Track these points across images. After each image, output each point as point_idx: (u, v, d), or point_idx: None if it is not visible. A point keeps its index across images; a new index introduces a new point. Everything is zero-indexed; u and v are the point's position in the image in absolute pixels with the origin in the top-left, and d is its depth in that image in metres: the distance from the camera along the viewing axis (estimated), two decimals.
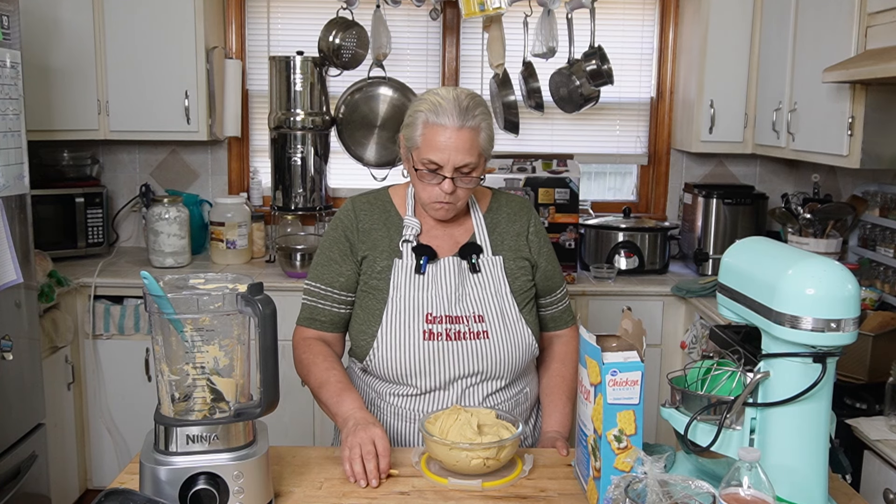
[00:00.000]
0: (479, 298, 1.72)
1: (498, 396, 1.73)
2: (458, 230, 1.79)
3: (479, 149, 1.66)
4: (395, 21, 3.62)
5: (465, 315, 1.69)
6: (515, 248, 1.80)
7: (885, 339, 2.22)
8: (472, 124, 1.64)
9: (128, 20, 3.31)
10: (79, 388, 3.20)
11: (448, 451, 1.44)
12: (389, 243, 1.75)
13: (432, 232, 1.77)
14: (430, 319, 1.68)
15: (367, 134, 3.57)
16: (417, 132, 1.66)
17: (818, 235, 3.02)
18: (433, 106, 1.64)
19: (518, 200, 1.88)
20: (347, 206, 1.81)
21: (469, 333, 1.68)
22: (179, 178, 3.80)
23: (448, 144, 1.62)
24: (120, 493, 1.20)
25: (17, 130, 2.43)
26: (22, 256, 2.44)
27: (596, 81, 3.36)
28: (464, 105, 1.64)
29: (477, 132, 1.65)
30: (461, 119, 1.62)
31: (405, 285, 1.70)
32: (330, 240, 1.79)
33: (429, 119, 1.64)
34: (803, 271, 1.20)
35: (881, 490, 1.87)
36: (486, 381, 1.70)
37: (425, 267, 1.71)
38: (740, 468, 1.12)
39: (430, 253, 1.72)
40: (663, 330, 3.25)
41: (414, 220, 1.76)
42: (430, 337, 1.67)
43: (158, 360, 1.29)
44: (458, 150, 1.63)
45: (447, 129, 1.62)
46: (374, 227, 1.77)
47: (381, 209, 1.80)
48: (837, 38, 2.55)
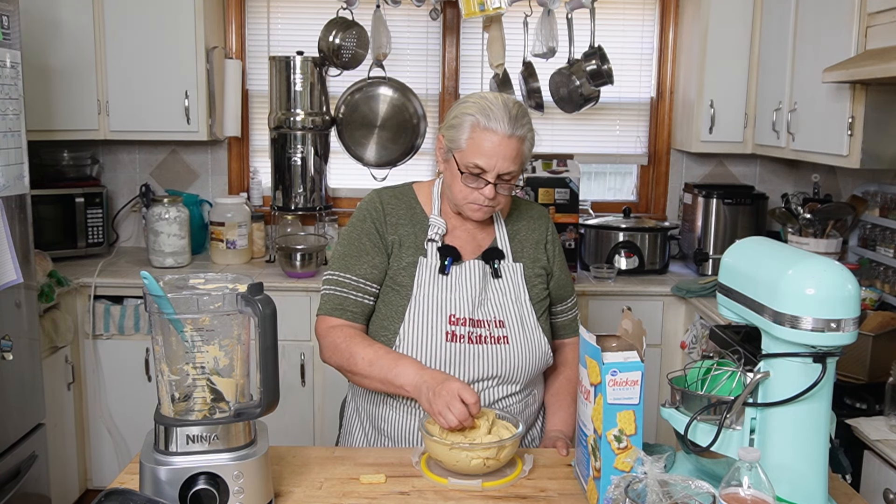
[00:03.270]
0: (501, 304, 1.72)
1: (510, 399, 1.74)
2: (481, 234, 1.79)
3: (523, 157, 1.66)
4: (395, 21, 3.62)
5: (486, 319, 1.70)
6: (534, 256, 1.81)
7: (885, 339, 2.22)
8: (520, 133, 1.62)
9: (128, 20, 3.31)
10: (79, 388, 3.20)
11: (448, 451, 1.44)
12: (415, 240, 1.75)
13: (455, 233, 1.77)
14: (453, 321, 1.68)
15: (367, 134, 3.57)
16: (464, 135, 1.63)
17: (818, 235, 3.02)
18: (483, 110, 1.62)
19: (537, 208, 1.90)
20: (374, 198, 1.79)
21: (490, 338, 1.69)
22: (179, 178, 3.80)
23: (496, 151, 1.61)
24: (120, 493, 1.20)
25: (17, 130, 2.43)
26: (22, 256, 2.44)
27: (596, 81, 3.36)
28: (513, 113, 1.62)
29: (523, 141, 1.64)
30: (511, 127, 1.61)
31: (429, 284, 1.70)
32: (358, 231, 1.76)
33: (479, 122, 1.61)
34: (803, 271, 1.21)
35: (881, 490, 1.87)
36: (501, 385, 1.72)
37: (449, 268, 1.71)
38: (740, 468, 1.12)
39: (454, 254, 1.72)
40: (663, 330, 3.25)
41: (440, 219, 1.76)
42: (452, 338, 1.67)
43: (158, 360, 1.29)
44: (505, 158, 1.61)
45: (497, 134, 1.60)
46: (401, 221, 1.76)
47: (406, 205, 1.79)
48: (837, 38, 2.55)
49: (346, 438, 1.88)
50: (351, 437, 1.85)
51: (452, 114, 1.68)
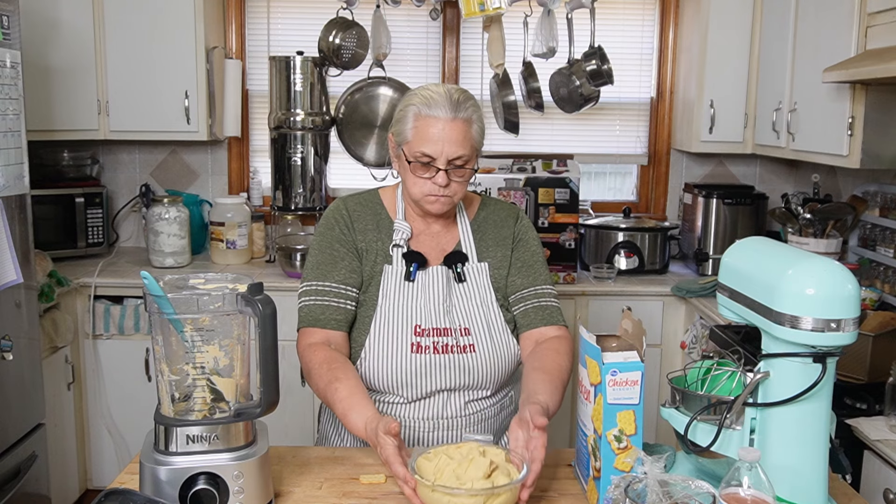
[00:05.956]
0: (466, 310, 1.70)
1: (482, 403, 1.72)
2: (445, 237, 1.76)
3: (472, 141, 1.64)
4: (395, 21, 3.61)
5: (452, 328, 1.67)
6: (501, 254, 1.77)
7: (885, 339, 2.22)
8: (464, 116, 1.62)
9: (128, 20, 3.31)
10: (79, 388, 3.20)
11: (430, 492, 1.28)
12: (381, 246, 1.73)
13: (421, 238, 1.75)
14: (418, 332, 1.66)
15: (367, 134, 3.57)
16: (408, 125, 1.64)
17: (818, 235, 3.02)
18: (424, 100, 1.63)
19: (506, 206, 1.85)
20: (339, 206, 1.77)
21: (456, 347, 1.66)
22: (179, 178, 3.80)
23: (441, 136, 1.60)
24: (120, 493, 1.20)
25: (17, 130, 2.43)
26: (22, 256, 2.43)
27: (596, 81, 3.36)
28: (455, 98, 1.62)
29: (469, 124, 1.63)
30: (453, 111, 1.61)
31: (394, 294, 1.68)
32: (329, 238, 1.73)
33: (421, 111, 1.62)
34: (803, 271, 1.20)
35: (881, 490, 1.87)
36: (470, 391, 1.70)
37: (415, 274, 1.69)
38: (740, 468, 1.12)
39: (420, 260, 1.70)
40: (663, 330, 3.25)
41: (405, 224, 1.74)
42: (417, 350, 1.65)
43: (158, 360, 1.29)
44: (451, 142, 1.60)
45: (439, 120, 1.61)
46: (368, 227, 1.75)
47: (372, 211, 1.77)
48: (837, 38, 2.55)
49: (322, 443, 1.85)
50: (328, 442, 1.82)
51: (398, 109, 1.69)
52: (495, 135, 3.55)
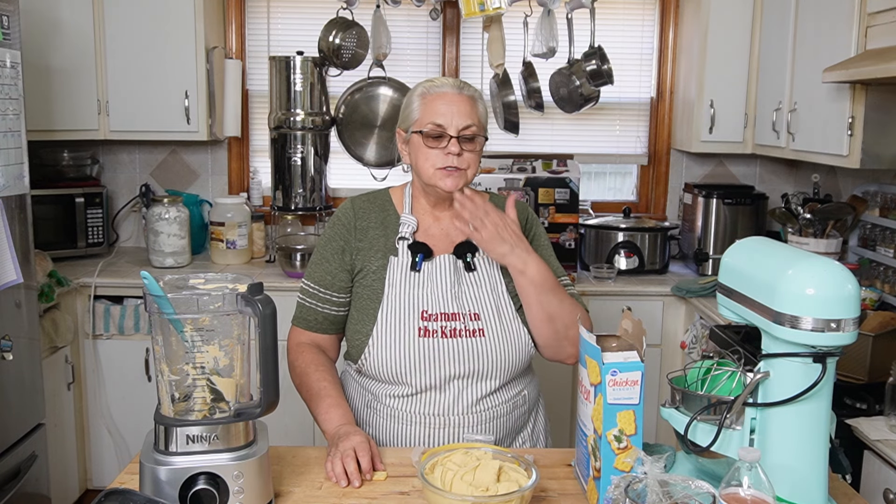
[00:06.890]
0: (476, 297, 1.71)
1: (494, 399, 1.71)
2: (454, 230, 1.77)
3: (479, 116, 1.71)
4: (395, 21, 3.61)
5: (461, 312, 1.68)
6: None
7: (885, 339, 2.22)
8: (468, 93, 1.72)
9: (128, 20, 3.31)
10: (79, 388, 3.20)
11: (432, 495, 1.29)
12: (385, 242, 1.75)
13: (429, 231, 1.77)
14: (425, 317, 1.67)
15: (367, 134, 3.57)
16: (415, 107, 1.71)
17: (818, 235, 3.02)
18: (427, 84, 1.73)
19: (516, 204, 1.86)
20: (346, 205, 1.81)
21: (465, 331, 1.67)
22: (179, 178, 3.80)
23: (450, 107, 1.67)
24: (120, 493, 1.20)
25: (17, 130, 2.43)
26: (22, 256, 2.44)
27: (596, 81, 3.36)
28: (458, 82, 1.74)
29: (475, 101, 1.71)
30: (458, 88, 1.71)
31: (401, 283, 1.70)
32: (325, 238, 1.79)
33: (426, 92, 1.71)
34: (803, 271, 1.20)
35: (881, 490, 1.87)
36: (481, 381, 1.68)
37: (421, 264, 1.70)
38: (740, 468, 1.12)
39: (425, 250, 1.71)
40: (663, 330, 3.25)
41: (411, 217, 1.76)
42: (425, 334, 1.66)
43: (158, 360, 1.29)
44: (460, 113, 1.67)
45: (446, 94, 1.69)
46: (372, 225, 1.77)
47: (379, 208, 1.80)
48: (837, 38, 2.55)
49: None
50: None
51: (403, 105, 1.78)
52: (495, 135, 3.55)
